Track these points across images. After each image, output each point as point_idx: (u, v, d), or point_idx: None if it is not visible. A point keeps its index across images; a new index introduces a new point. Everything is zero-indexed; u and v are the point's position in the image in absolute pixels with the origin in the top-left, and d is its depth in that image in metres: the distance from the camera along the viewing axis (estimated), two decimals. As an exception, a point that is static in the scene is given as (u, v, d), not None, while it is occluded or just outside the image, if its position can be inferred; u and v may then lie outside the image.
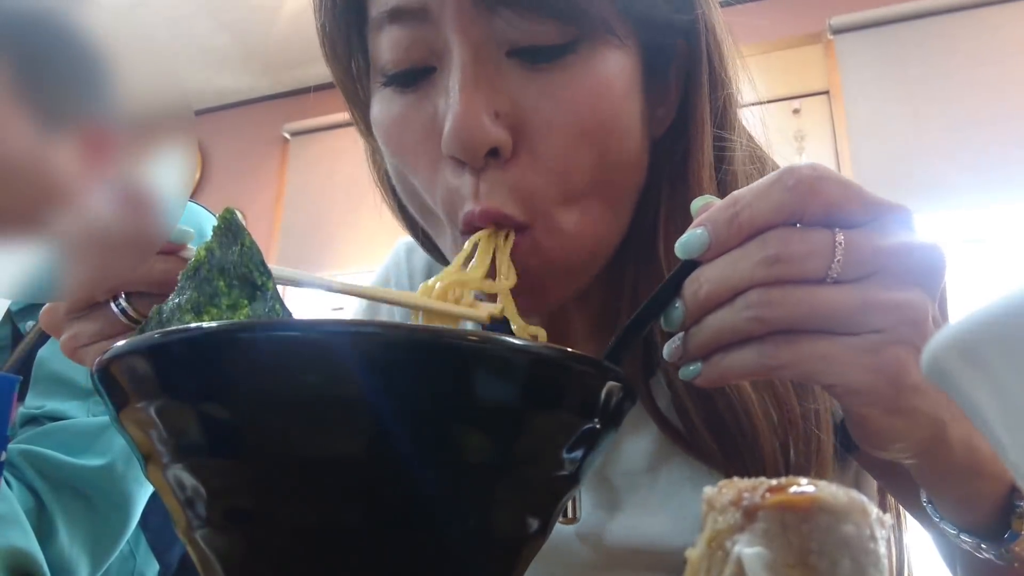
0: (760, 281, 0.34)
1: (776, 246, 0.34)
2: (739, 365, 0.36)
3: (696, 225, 0.37)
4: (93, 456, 0.76)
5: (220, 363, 0.29)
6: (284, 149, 3.59)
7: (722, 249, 0.36)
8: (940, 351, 0.21)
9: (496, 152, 0.47)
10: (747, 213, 0.35)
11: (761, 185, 0.36)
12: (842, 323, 0.34)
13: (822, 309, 0.34)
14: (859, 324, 0.34)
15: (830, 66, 2.70)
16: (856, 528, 0.22)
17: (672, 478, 0.55)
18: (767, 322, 0.35)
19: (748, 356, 0.36)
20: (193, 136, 0.43)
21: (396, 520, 0.29)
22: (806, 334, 0.35)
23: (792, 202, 0.35)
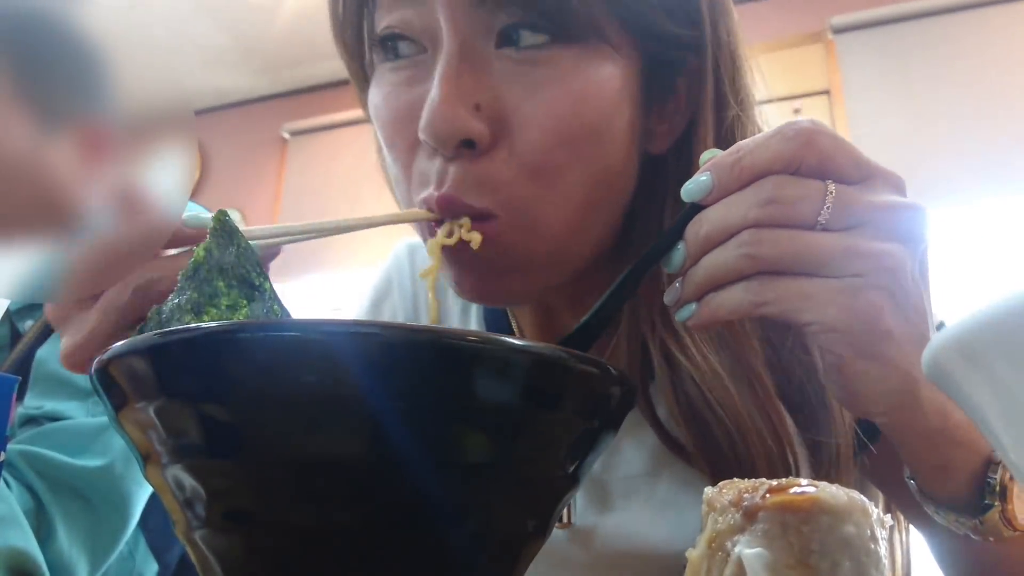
0: (754, 221, 0.38)
1: (771, 190, 0.38)
2: (728, 303, 0.39)
3: (702, 171, 0.40)
4: (92, 457, 0.76)
5: (220, 363, 0.29)
6: (283, 149, 3.59)
7: (724, 193, 0.39)
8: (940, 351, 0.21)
9: (471, 144, 0.47)
10: (748, 159, 0.38)
11: (763, 135, 0.39)
12: (825, 266, 0.37)
13: (808, 251, 0.37)
14: (840, 268, 0.37)
15: (830, 66, 2.70)
16: (857, 529, 0.22)
17: (673, 482, 0.55)
18: (757, 259, 0.38)
19: (736, 294, 0.39)
20: (193, 136, 0.43)
21: (396, 520, 0.29)
22: (790, 275, 0.38)
23: (790, 151, 0.38)
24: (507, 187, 0.48)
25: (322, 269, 3.22)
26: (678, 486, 0.55)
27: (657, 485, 0.56)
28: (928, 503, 0.45)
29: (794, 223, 0.37)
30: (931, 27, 2.60)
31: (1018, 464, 0.21)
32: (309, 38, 3.32)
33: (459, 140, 0.47)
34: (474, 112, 0.47)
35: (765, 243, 0.37)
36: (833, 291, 0.37)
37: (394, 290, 0.73)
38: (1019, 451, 0.20)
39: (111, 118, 0.42)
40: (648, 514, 0.55)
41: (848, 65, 2.67)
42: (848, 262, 0.37)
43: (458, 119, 0.46)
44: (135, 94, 0.42)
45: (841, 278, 0.37)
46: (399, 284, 0.74)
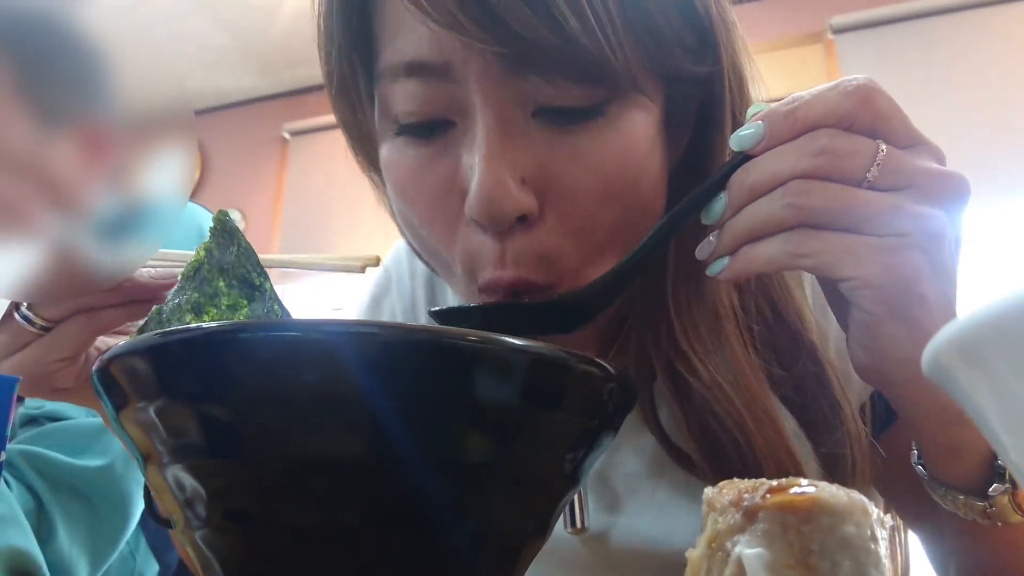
0: (803, 172, 0.37)
1: (824, 141, 0.37)
2: (765, 253, 0.38)
3: (753, 120, 0.39)
4: (93, 456, 0.76)
5: (220, 363, 0.29)
6: (284, 149, 3.59)
7: (775, 142, 0.38)
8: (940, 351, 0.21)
9: (524, 218, 0.45)
10: (803, 111, 0.38)
11: (820, 88, 0.39)
12: (870, 222, 0.37)
13: (855, 205, 0.37)
14: (885, 227, 0.37)
15: (830, 66, 2.70)
16: (857, 529, 0.22)
17: (676, 481, 0.55)
18: (802, 210, 0.37)
19: (774, 245, 0.38)
20: (193, 136, 0.43)
21: (396, 520, 0.29)
22: (832, 230, 0.37)
23: (846, 105, 0.38)
24: (563, 258, 0.47)
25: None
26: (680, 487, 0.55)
27: (659, 485, 0.56)
28: (937, 487, 0.44)
29: (843, 177, 0.37)
30: (931, 27, 2.60)
31: (1018, 464, 0.21)
32: (309, 38, 3.31)
33: (513, 218, 0.45)
34: (521, 186, 0.45)
35: (813, 194, 0.37)
36: (876, 248, 0.37)
37: (393, 287, 0.73)
38: (1019, 451, 0.20)
39: (111, 118, 0.42)
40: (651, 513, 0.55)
41: (848, 65, 2.67)
42: (893, 221, 0.37)
43: (510, 199, 0.44)
44: (135, 94, 0.42)
45: (884, 237, 0.37)
46: (398, 281, 0.73)
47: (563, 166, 0.46)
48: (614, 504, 0.57)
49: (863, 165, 0.37)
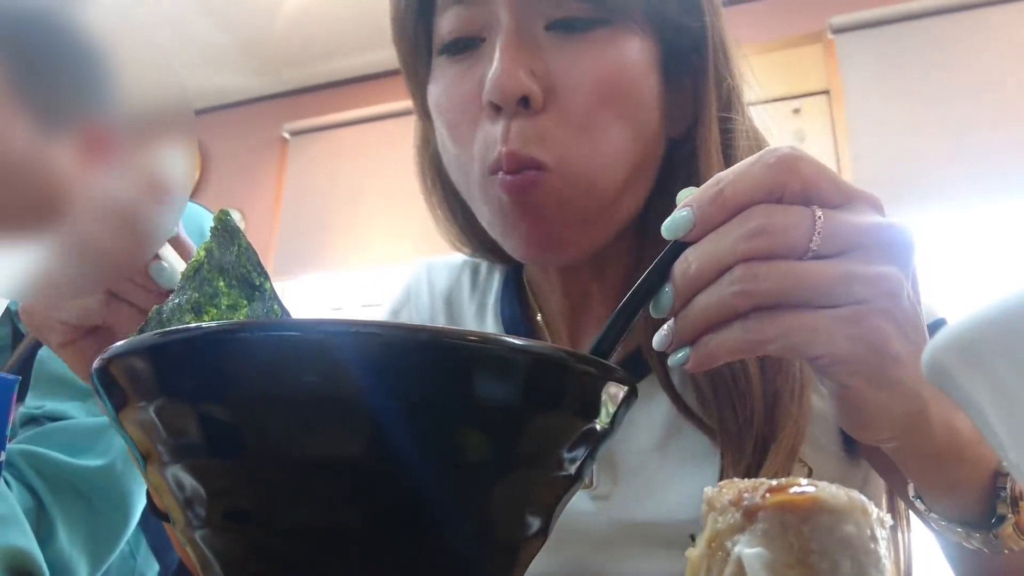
0: (744, 254, 0.36)
1: (759, 219, 0.36)
2: (726, 343, 0.37)
3: (682, 207, 0.38)
4: (93, 456, 0.76)
5: (220, 363, 0.29)
6: (284, 149, 3.59)
7: (707, 227, 0.37)
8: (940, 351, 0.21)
9: (527, 102, 0.55)
10: (730, 190, 0.37)
11: (743, 164, 0.38)
12: (825, 295, 0.36)
13: (806, 281, 0.36)
14: (841, 296, 0.36)
15: (830, 66, 2.70)
16: (857, 528, 0.22)
17: (682, 454, 0.58)
18: (753, 295, 0.36)
19: (734, 334, 0.37)
20: (193, 136, 0.43)
21: (396, 520, 0.29)
22: (789, 309, 0.36)
23: (773, 178, 0.37)
24: (561, 143, 0.55)
25: (322, 269, 3.22)
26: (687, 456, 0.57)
27: (665, 460, 0.58)
28: (937, 521, 0.44)
29: (787, 252, 0.36)
30: (931, 27, 2.60)
31: (1018, 464, 0.21)
32: (309, 38, 3.32)
33: (519, 96, 0.55)
34: (529, 75, 0.55)
35: (760, 277, 0.36)
36: (838, 321, 0.36)
37: (411, 301, 0.79)
38: (1019, 451, 0.20)
39: (112, 118, 0.42)
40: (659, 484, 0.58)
41: (848, 65, 2.66)
42: (848, 289, 0.36)
43: (517, 78, 0.54)
44: (135, 94, 0.42)
45: (843, 307, 0.36)
46: (416, 295, 0.79)
47: (566, 67, 0.56)
48: (622, 477, 0.59)
49: (804, 236, 0.36)
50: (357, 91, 3.50)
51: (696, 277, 0.37)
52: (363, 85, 3.50)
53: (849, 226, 0.37)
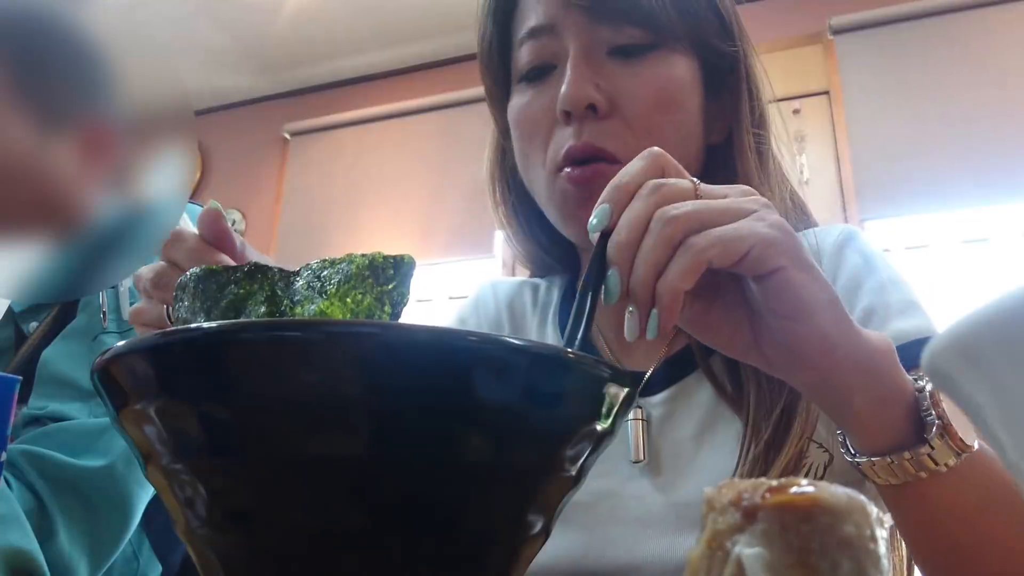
0: (655, 204, 0.44)
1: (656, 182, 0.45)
2: (677, 272, 0.43)
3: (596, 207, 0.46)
4: (94, 457, 0.76)
5: (220, 363, 0.29)
6: (284, 149, 3.59)
7: (620, 208, 0.45)
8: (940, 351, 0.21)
9: (595, 110, 0.66)
10: (626, 178, 0.46)
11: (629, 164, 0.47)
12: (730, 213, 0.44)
13: (712, 204, 0.44)
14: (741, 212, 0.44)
15: (830, 66, 2.70)
16: (856, 528, 0.22)
17: (716, 441, 0.65)
18: (677, 219, 0.43)
19: (678, 262, 0.43)
20: (193, 136, 0.43)
21: (396, 520, 0.29)
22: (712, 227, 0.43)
23: (654, 164, 0.47)
24: (627, 141, 0.66)
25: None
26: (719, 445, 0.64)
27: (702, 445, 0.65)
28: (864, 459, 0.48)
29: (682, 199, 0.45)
30: (931, 27, 2.60)
31: (1018, 464, 0.21)
32: (309, 38, 3.32)
33: (587, 103, 0.66)
34: (596, 88, 0.67)
35: (676, 208, 0.43)
36: (751, 221, 0.44)
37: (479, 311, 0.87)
38: (1019, 451, 0.20)
39: (112, 118, 0.42)
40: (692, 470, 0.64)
41: (848, 65, 2.67)
42: (741, 206, 0.45)
43: (585, 89, 0.66)
44: (136, 94, 0.42)
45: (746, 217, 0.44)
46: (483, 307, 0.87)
47: (627, 82, 0.68)
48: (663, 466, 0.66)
49: (689, 189, 0.45)
50: (357, 91, 3.50)
51: (627, 240, 0.44)
52: (363, 85, 3.50)
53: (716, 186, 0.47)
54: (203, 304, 0.38)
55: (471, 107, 3.20)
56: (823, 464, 0.60)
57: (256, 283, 0.38)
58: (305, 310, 0.37)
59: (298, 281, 0.38)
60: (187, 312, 0.39)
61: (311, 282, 0.38)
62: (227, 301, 0.38)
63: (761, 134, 0.73)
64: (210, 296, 0.38)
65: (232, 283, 0.38)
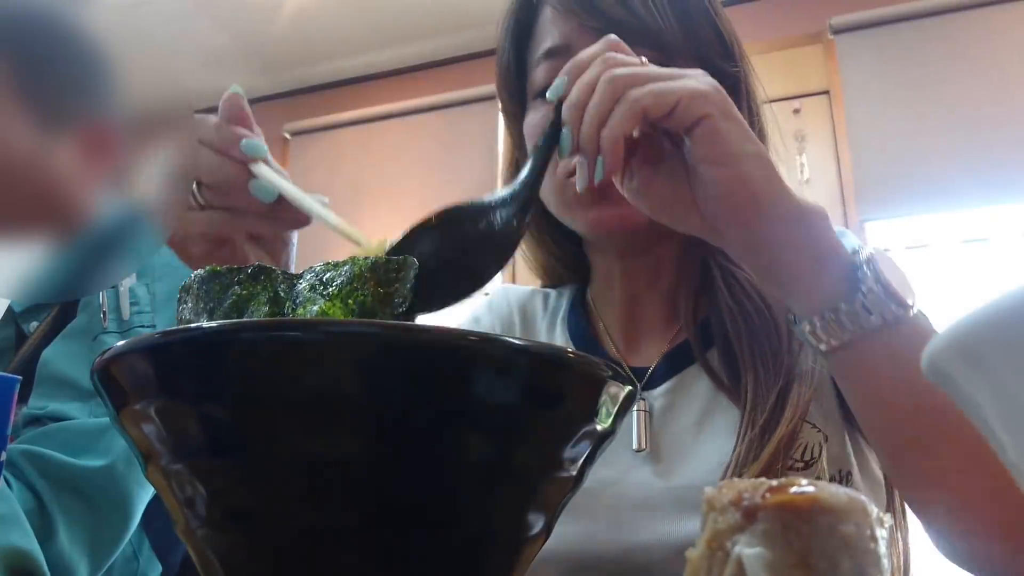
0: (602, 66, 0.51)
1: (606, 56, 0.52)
2: (619, 119, 0.49)
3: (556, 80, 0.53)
4: (94, 457, 0.76)
5: (220, 363, 0.29)
6: (284, 149, 3.59)
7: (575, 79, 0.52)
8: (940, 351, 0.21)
9: None
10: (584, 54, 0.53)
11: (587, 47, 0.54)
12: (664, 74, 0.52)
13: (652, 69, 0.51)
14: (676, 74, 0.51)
15: (830, 66, 2.70)
16: (856, 528, 0.22)
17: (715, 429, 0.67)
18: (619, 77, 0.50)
19: (619, 109, 0.49)
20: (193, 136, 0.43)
21: (396, 520, 0.29)
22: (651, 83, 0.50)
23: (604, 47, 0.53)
24: None
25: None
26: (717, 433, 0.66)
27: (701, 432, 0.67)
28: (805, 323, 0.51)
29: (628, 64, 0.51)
30: (931, 27, 2.60)
31: (1018, 464, 0.21)
32: (309, 38, 3.32)
33: None
34: None
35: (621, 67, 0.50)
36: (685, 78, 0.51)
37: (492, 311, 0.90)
38: (1019, 451, 0.20)
39: (112, 118, 0.42)
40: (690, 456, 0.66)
41: (848, 65, 2.66)
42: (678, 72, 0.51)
43: None
44: (136, 94, 0.42)
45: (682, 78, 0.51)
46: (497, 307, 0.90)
47: None
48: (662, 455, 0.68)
49: (636, 60, 0.53)
50: (357, 91, 3.50)
51: (577, 100, 0.50)
52: (363, 85, 3.50)
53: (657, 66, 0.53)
54: (206, 305, 0.38)
55: (471, 107, 3.19)
56: (819, 443, 0.62)
57: (259, 284, 0.38)
58: (307, 311, 0.37)
59: (301, 283, 0.38)
60: (191, 314, 0.39)
61: (314, 284, 0.38)
62: (230, 302, 0.38)
63: None
64: (213, 297, 0.38)
65: (235, 284, 0.38)
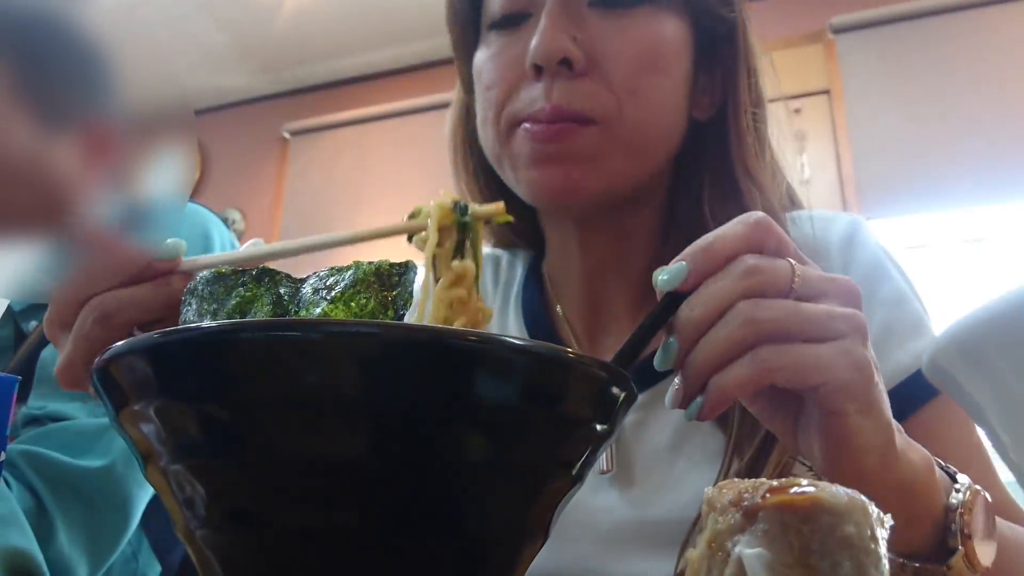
0: (743, 291, 0.39)
1: (749, 263, 0.40)
2: (737, 378, 0.38)
3: (674, 262, 0.41)
4: (93, 457, 0.76)
5: (220, 363, 0.29)
6: (284, 149, 3.59)
7: (700, 276, 0.40)
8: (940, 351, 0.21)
9: (570, 65, 0.59)
10: (720, 242, 0.40)
11: (726, 225, 0.41)
12: (817, 328, 0.39)
13: (801, 314, 0.39)
14: (828, 330, 0.39)
15: (830, 66, 2.70)
16: (857, 528, 0.22)
17: (695, 454, 0.59)
18: (759, 323, 0.38)
19: (743, 368, 0.38)
20: (193, 136, 0.43)
21: (396, 520, 0.29)
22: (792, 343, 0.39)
23: (756, 234, 0.41)
24: (607, 101, 0.60)
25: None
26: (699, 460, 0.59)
27: (677, 461, 0.60)
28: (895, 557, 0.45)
29: (776, 292, 0.39)
30: (931, 27, 2.60)
31: (1018, 464, 0.21)
32: (309, 38, 3.32)
33: (560, 56, 0.59)
34: (572, 41, 0.60)
35: (763, 308, 0.38)
36: (835, 351, 0.39)
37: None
38: (1019, 451, 0.20)
39: (112, 118, 0.42)
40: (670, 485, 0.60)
41: (848, 65, 2.66)
42: (833, 324, 0.39)
43: (560, 40, 0.59)
44: (135, 94, 0.42)
45: (834, 341, 0.39)
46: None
47: (608, 37, 0.61)
48: (634, 477, 0.61)
49: (787, 278, 0.40)
50: (357, 91, 3.50)
51: (701, 319, 0.39)
52: (363, 85, 3.50)
53: (815, 276, 0.41)
54: (209, 306, 0.38)
55: (471, 107, 3.20)
56: None
57: (263, 287, 0.38)
58: (310, 314, 0.37)
59: (305, 287, 0.39)
60: (195, 315, 0.39)
61: (317, 287, 0.38)
62: (233, 304, 0.38)
63: (759, 114, 0.66)
64: (217, 299, 0.39)
65: (240, 286, 0.38)
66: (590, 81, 0.60)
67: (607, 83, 0.60)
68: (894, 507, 0.43)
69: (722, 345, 0.38)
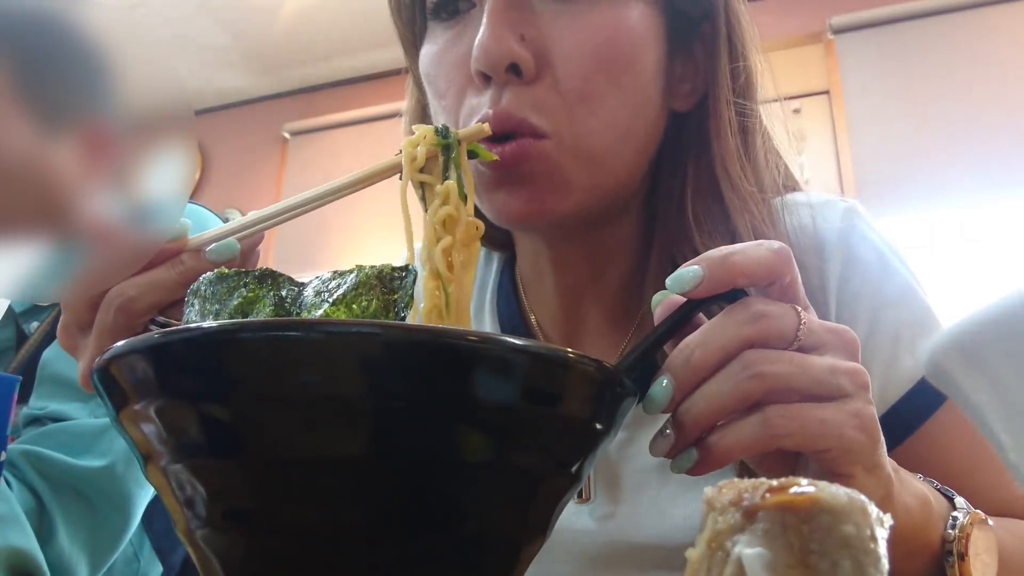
0: (749, 338, 0.36)
1: (758, 306, 0.37)
2: (744, 441, 0.36)
3: (691, 263, 0.38)
4: (94, 457, 0.76)
5: (220, 363, 0.29)
6: (284, 149, 3.59)
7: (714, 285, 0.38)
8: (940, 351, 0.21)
9: (518, 71, 0.51)
10: (739, 257, 0.38)
11: (749, 244, 0.39)
12: (822, 385, 0.37)
13: (808, 369, 0.36)
14: (833, 388, 0.37)
15: (830, 66, 2.70)
16: (856, 528, 0.22)
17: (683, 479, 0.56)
18: (767, 378, 0.36)
19: (750, 429, 0.36)
20: (193, 136, 0.43)
21: (395, 520, 0.29)
22: (799, 403, 0.36)
23: (777, 264, 0.38)
24: (556, 111, 0.52)
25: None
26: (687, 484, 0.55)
27: (666, 483, 0.56)
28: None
29: (778, 343, 0.37)
30: (931, 27, 2.60)
31: (1018, 464, 0.21)
32: (309, 38, 3.32)
33: (508, 63, 0.51)
34: (520, 41, 0.51)
35: (771, 361, 0.36)
36: (844, 413, 0.36)
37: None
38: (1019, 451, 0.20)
39: (112, 119, 0.42)
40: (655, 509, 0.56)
41: (848, 65, 2.66)
42: (837, 381, 0.37)
43: (505, 43, 0.51)
44: (136, 94, 0.42)
45: (840, 400, 0.37)
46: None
47: (561, 32, 0.52)
48: (623, 497, 0.57)
49: (793, 327, 0.37)
50: (357, 91, 3.50)
51: (700, 364, 0.36)
52: (363, 85, 3.50)
53: (818, 326, 0.38)
54: (212, 307, 0.39)
55: (471, 107, 3.19)
56: None
57: (265, 288, 0.38)
58: (311, 315, 0.37)
59: (307, 289, 0.39)
60: (197, 315, 0.39)
61: (319, 290, 0.38)
62: (235, 304, 0.38)
63: (746, 105, 0.58)
64: (219, 299, 0.39)
65: (242, 287, 0.38)
66: (541, 88, 0.52)
67: (560, 86, 0.52)
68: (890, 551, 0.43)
69: (725, 399, 0.36)
